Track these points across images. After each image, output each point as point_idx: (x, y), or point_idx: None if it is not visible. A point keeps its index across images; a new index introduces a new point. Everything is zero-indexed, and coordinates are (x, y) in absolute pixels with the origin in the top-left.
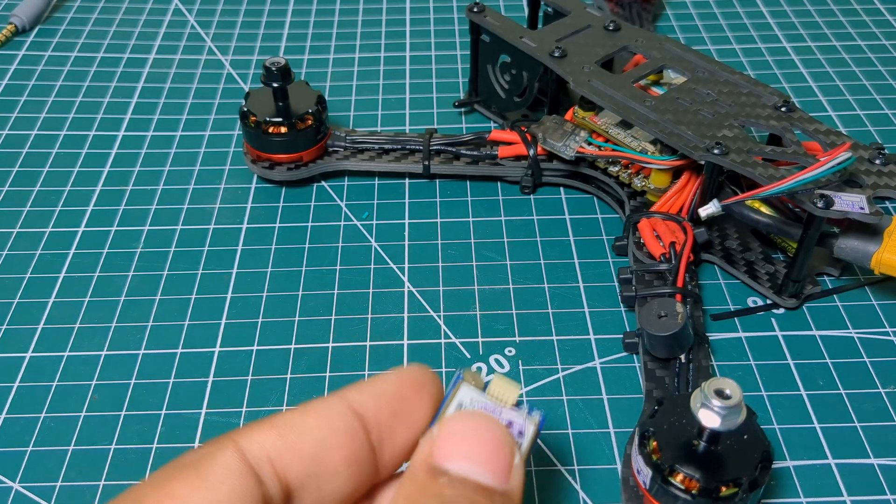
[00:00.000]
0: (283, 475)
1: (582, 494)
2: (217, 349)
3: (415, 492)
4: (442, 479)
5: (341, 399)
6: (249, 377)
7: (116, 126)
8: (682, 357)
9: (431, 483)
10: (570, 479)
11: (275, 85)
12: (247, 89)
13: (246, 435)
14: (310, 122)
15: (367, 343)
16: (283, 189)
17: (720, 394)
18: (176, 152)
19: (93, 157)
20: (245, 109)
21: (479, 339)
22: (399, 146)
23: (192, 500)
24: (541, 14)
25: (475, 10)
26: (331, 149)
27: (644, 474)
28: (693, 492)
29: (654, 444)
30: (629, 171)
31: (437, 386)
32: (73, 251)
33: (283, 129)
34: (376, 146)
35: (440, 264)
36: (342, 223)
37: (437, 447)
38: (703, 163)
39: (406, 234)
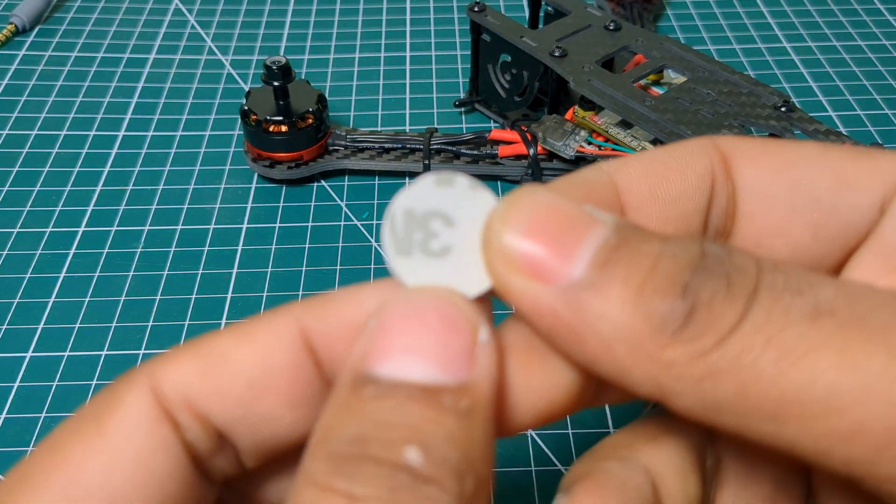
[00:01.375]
0: (207, 418)
1: None
2: None
3: (331, 416)
4: (367, 391)
5: (290, 322)
6: None
7: (117, 126)
8: None
9: (353, 399)
10: None
11: (275, 84)
12: (247, 89)
13: (161, 369)
14: (310, 120)
15: None
16: (284, 189)
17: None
18: (176, 152)
19: (93, 157)
20: (246, 108)
21: None
22: (399, 145)
23: (89, 469)
24: (541, 14)
25: (476, 9)
26: (331, 147)
27: None
28: None
29: None
30: None
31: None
32: (73, 251)
33: (284, 128)
34: (376, 145)
35: None
36: (342, 223)
37: (371, 346)
38: None
39: None
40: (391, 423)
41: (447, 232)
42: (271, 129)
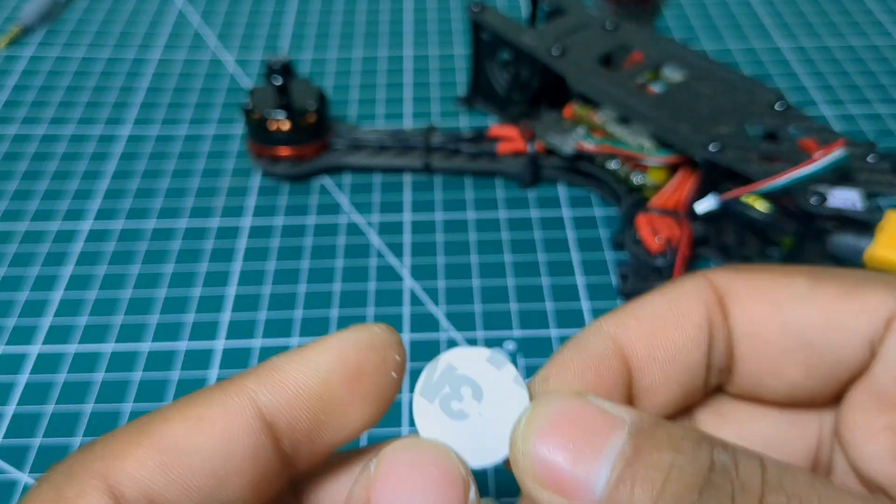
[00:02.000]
0: None
1: None
2: (220, 345)
3: None
4: None
5: (247, 401)
6: None
7: (121, 125)
8: None
9: None
10: None
11: (277, 82)
12: (249, 88)
13: (116, 466)
14: (312, 118)
15: None
16: (285, 186)
17: None
18: (180, 151)
19: (98, 155)
20: (248, 106)
21: (479, 334)
22: (399, 142)
23: None
24: (540, 13)
25: (476, 8)
26: (332, 145)
27: None
28: None
29: None
30: (627, 167)
31: (390, 364)
32: (79, 248)
33: (286, 126)
34: (377, 142)
35: (440, 260)
36: (343, 220)
37: (374, 491)
38: (699, 159)
39: (406, 230)
40: None
41: (471, 402)
42: (273, 126)
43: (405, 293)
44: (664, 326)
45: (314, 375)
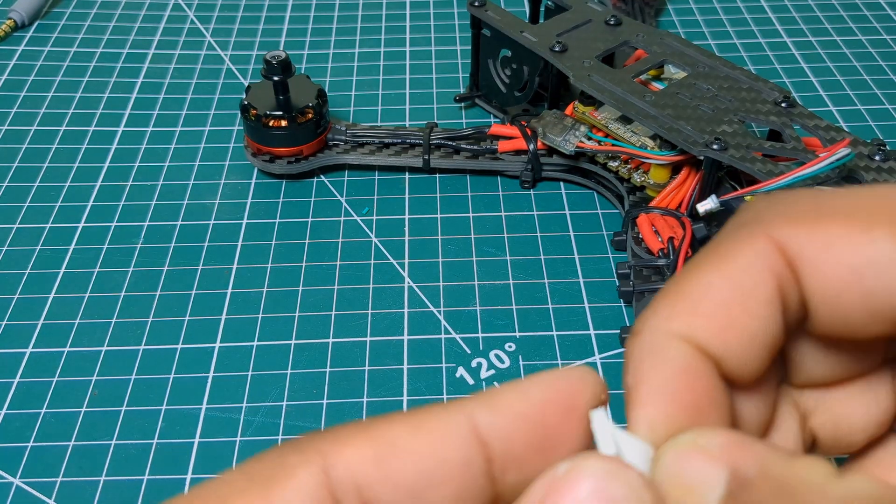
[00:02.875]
0: (370, 503)
1: None
2: (217, 345)
3: None
4: None
5: (465, 418)
6: (250, 373)
7: (116, 121)
8: None
9: None
10: None
11: (275, 78)
12: (247, 84)
13: (336, 451)
14: (310, 115)
15: (368, 339)
16: (284, 184)
17: None
18: (176, 148)
19: (92, 152)
20: (246, 103)
21: (480, 335)
22: (399, 140)
23: None
24: (542, 9)
25: (476, 4)
26: (331, 142)
27: None
28: None
29: None
30: (629, 166)
31: (596, 401)
32: (73, 247)
33: (284, 123)
34: (376, 140)
35: (440, 260)
36: (342, 218)
37: (555, 494)
38: (701, 158)
39: (406, 229)
40: None
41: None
42: (271, 123)
43: (405, 293)
44: (737, 316)
45: (531, 402)
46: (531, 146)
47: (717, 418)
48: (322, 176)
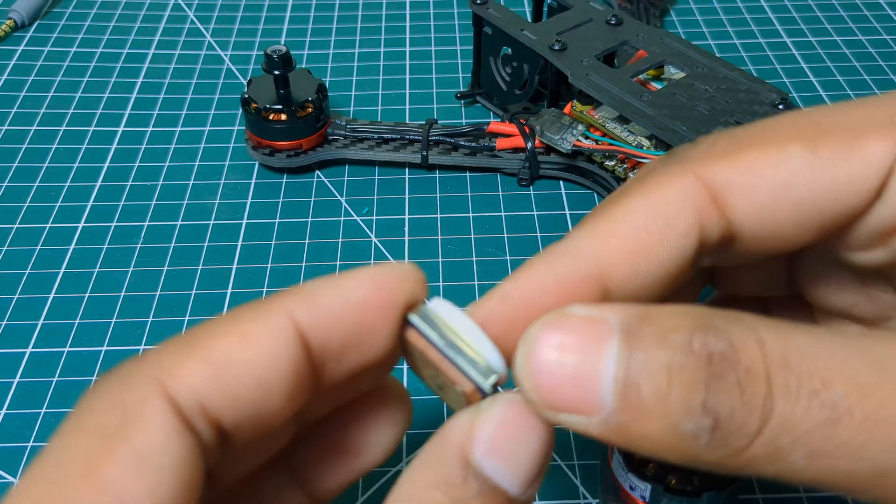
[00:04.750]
0: (217, 420)
1: (582, 489)
2: None
3: (441, 482)
4: (473, 482)
5: (286, 318)
6: None
7: (116, 121)
8: None
9: (462, 481)
10: (570, 474)
11: (276, 72)
12: (248, 79)
13: (174, 376)
14: (310, 109)
15: None
16: (284, 184)
17: None
18: (176, 148)
19: (92, 152)
20: (246, 96)
21: None
22: (398, 135)
23: (128, 492)
24: (545, 8)
25: (478, 2)
26: (330, 137)
27: (641, 489)
28: (697, 484)
29: None
30: (625, 165)
31: (413, 297)
32: (72, 247)
33: (284, 117)
34: (376, 136)
35: (440, 260)
36: (342, 218)
37: (477, 439)
38: None
39: (406, 229)
40: None
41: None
42: (271, 117)
43: None
44: (649, 244)
45: (350, 301)
46: (529, 144)
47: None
48: (322, 176)
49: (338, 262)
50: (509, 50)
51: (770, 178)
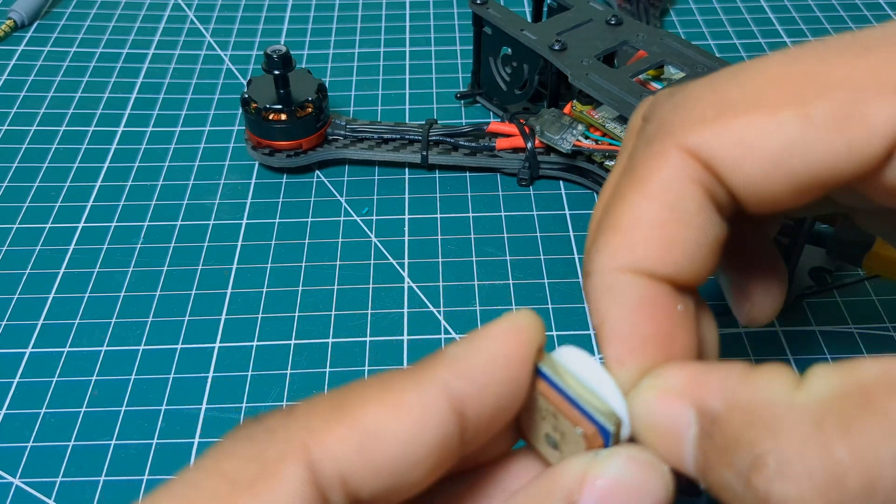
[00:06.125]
0: (355, 492)
1: None
2: (217, 345)
3: None
4: None
5: (440, 390)
6: (249, 373)
7: (116, 121)
8: None
9: None
10: None
11: (276, 72)
12: (248, 78)
13: (319, 441)
14: (310, 109)
15: (367, 339)
16: (283, 184)
17: None
18: (175, 148)
19: (92, 152)
20: (246, 96)
21: None
22: (398, 135)
23: None
24: (545, 9)
25: (478, 2)
26: (330, 137)
27: None
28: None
29: None
30: None
31: (538, 346)
32: (72, 247)
33: (283, 117)
34: (375, 135)
35: (440, 260)
36: (342, 218)
37: (589, 488)
38: None
39: (406, 229)
40: None
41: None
42: (271, 117)
43: (404, 293)
44: (676, 233)
45: (498, 363)
46: (529, 144)
47: (681, 335)
48: (322, 176)
49: (338, 262)
50: (509, 50)
51: (760, 150)
